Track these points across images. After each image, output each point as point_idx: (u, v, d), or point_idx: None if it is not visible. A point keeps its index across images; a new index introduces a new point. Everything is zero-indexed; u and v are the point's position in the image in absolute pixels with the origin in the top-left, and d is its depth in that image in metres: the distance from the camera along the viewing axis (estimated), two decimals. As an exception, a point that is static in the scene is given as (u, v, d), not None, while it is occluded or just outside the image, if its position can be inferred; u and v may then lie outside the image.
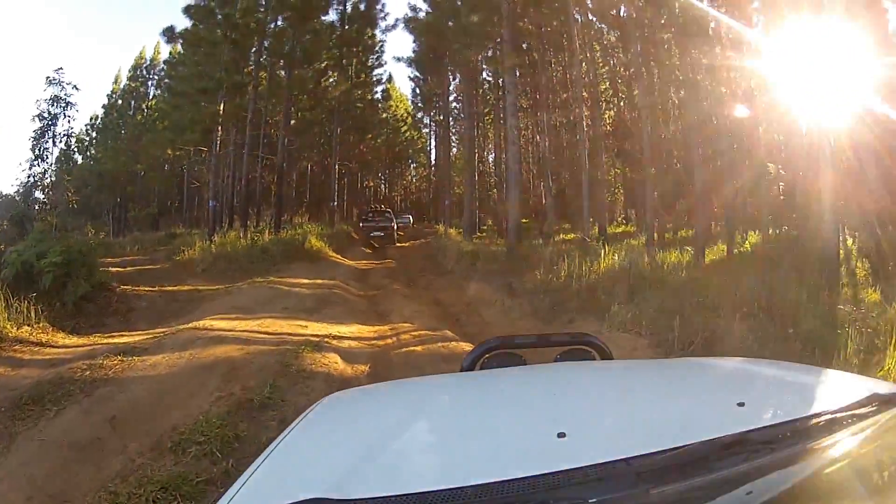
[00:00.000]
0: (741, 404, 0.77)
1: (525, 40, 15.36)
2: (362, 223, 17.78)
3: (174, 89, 15.87)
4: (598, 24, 16.90)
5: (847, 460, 0.63)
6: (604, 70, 17.75)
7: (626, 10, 12.59)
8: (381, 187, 31.08)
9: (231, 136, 16.21)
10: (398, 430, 0.81)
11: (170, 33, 13.69)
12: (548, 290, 6.98)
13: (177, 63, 17.98)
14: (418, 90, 25.98)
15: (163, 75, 22.62)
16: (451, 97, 20.46)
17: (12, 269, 5.85)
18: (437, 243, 13.65)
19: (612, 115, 18.34)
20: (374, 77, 21.76)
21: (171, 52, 20.67)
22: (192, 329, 5.04)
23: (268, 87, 14.82)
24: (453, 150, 22.04)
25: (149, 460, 2.60)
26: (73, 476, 2.68)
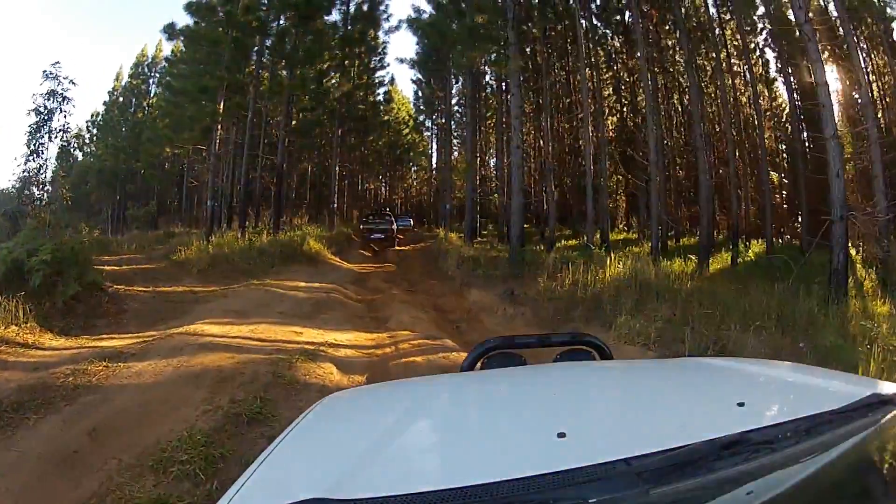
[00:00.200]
0: (741, 404, 0.77)
1: (529, 45, 15.27)
2: (362, 225, 17.92)
3: (174, 87, 15.75)
4: (602, 28, 16.87)
5: (847, 460, 0.63)
6: (608, 75, 17.67)
7: (632, 14, 12.49)
8: (382, 190, 31.00)
9: (231, 136, 16.09)
10: (398, 430, 0.81)
11: (171, 30, 13.55)
12: (551, 299, 6.84)
13: (178, 61, 17.90)
14: (420, 93, 25.99)
15: (164, 73, 22.54)
16: (454, 100, 20.36)
17: (1, 267, 5.70)
18: (438, 247, 13.50)
19: (616, 121, 18.27)
20: (376, 79, 21.76)
21: (172, 50, 20.63)
22: (183, 334, 4.88)
23: (269, 87, 14.69)
24: (455, 153, 21.92)
25: (128, 479, 2.45)
26: (49, 492, 2.59)
